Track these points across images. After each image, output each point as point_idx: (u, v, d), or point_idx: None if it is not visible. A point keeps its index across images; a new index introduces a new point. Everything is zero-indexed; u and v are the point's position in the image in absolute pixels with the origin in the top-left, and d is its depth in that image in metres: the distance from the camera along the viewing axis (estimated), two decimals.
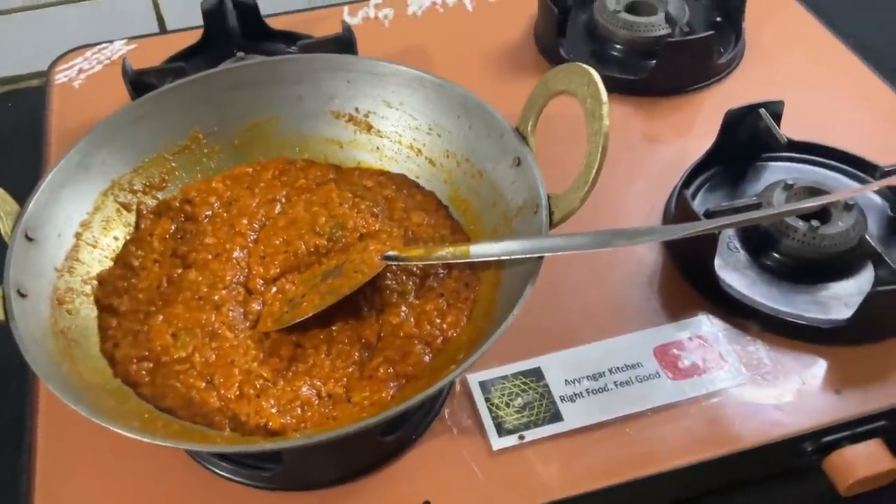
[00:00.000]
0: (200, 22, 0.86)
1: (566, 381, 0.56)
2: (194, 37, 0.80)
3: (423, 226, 0.55)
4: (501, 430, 0.53)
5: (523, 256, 0.47)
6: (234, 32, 0.80)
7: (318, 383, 0.47)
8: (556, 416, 0.54)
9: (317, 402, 0.47)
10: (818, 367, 0.57)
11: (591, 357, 0.57)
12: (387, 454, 0.52)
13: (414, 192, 0.57)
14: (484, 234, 0.53)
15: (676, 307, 0.60)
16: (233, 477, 0.51)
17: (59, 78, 0.81)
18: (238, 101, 0.58)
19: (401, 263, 0.51)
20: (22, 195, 0.50)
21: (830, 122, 0.72)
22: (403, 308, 0.50)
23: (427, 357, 0.48)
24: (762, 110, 0.66)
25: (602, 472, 0.52)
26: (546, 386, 0.56)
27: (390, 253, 0.50)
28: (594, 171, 0.45)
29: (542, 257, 0.46)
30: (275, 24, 0.82)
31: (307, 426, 0.46)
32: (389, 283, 0.52)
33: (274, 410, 0.46)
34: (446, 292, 0.51)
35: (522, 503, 0.51)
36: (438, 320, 0.50)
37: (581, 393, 0.56)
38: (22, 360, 0.43)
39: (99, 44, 0.84)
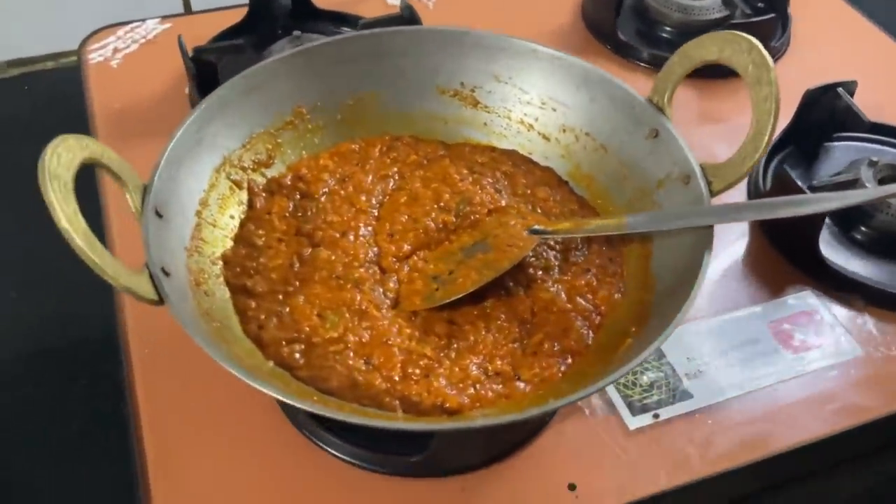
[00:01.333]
0: (227, 3, 0.83)
1: (688, 358, 0.56)
2: (235, 16, 0.77)
3: (549, 201, 0.53)
4: (634, 409, 0.53)
5: (688, 226, 0.46)
6: (281, 12, 0.77)
7: (484, 361, 0.45)
8: (686, 394, 0.54)
9: (486, 380, 0.45)
10: None
11: (706, 334, 0.57)
12: (525, 437, 0.50)
13: (531, 167, 0.56)
14: (616, 209, 0.52)
15: (777, 284, 0.61)
16: (366, 465, 0.49)
17: (94, 57, 0.76)
18: (341, 75, 0.55)
19: (552, 236, 0.49)
20: None
21: (885, 104, 0.74)
22: (551, 283, 0.49)
23: (587, 332, 0.47)
24: (840, 89, 0.67)
25: (742, 449, 0.52)
26: (669, 364, 0.55)
27: (537, 227, 0.49)
28: (766, 136, 0.45)
29: (712, 227, 0.45)
30: (321, 3, 0.79)
31: (482, 405, 0.44)
32: (532, 258, 0.50)
33: (449, 391, 0.44)
34: (593, 267, 0.50)
35: (669, 482, 0.50)
36: (590, 295, 0.49)
37: (704, 370, 0.55)
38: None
39: (130, 22, 0.80)
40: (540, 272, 0.50)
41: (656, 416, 0.52)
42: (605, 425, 0.52)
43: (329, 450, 0.49)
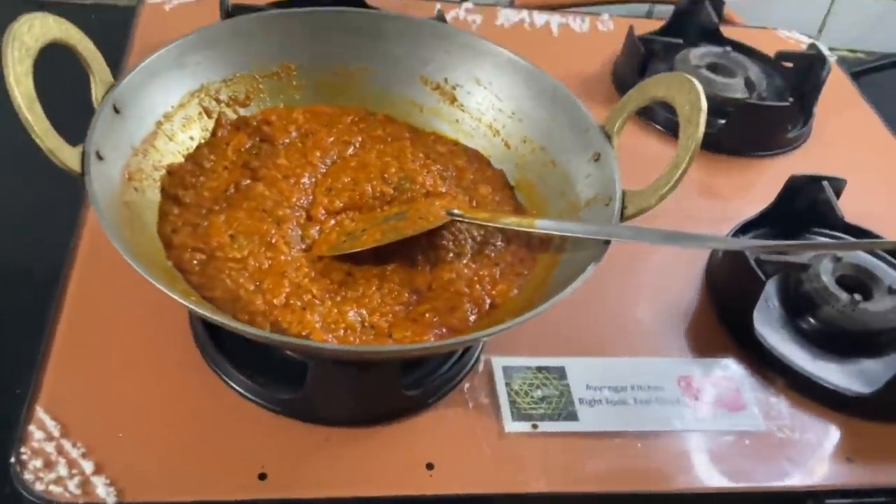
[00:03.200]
0: None
1: (588, 385, 0.56)
2: None
3: (487, 199, 0.56)
4: (516, 415, 0.53)
5: (588, 237, 0.47)
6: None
7: (365, 312, 0.48)
8: (573, 416, 0.54)
9: (359, 329, 0.47)
10: (835, 433, 0.57)
11: (616, 369, 0.58)
12: (402, 409, 0.52)
13: (484, 167, 0.58)
14: (550, 219, 0.54)
15: (707, 345, 0.61)
16: (249, 395, 0.51)
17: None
18: (337, 44, 0.59)
19: (465, 220, 0.51)
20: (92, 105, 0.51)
21: (884, 214, 0.73)
22: (457, 267, 0.51)
23: (473, 317, 0.49)
24: (825, 183, 0.68)
25: (606, 478, 0.52)
26: (567, 386, 0.56)
27: (456, 210, 0.51)
28: (679, 172, 0.46)
29: (608, 242, 0.47)
30: (371, 1, 0.84)
31: None
32: (447, 242, 0.52)
33: (318, 325, 0.46)
34: (501, 263, 0.52)
35: (522, 488, 0.51)
36: (489, 286, 0.51)
37: (601, 400, 0.56)
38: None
39: None
40: (451, 255, 0.52)
41: (535, 426, 0.53)
42: (482, 421, 0.53)
43: (223, 376, 0.51)
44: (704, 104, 0.47)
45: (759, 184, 0.77)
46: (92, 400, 0.50)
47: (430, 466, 0.50)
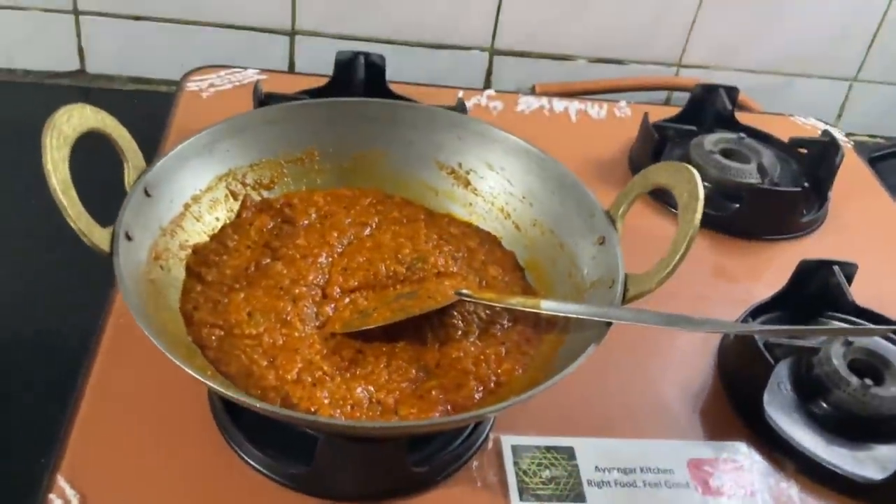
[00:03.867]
0: (326, 71, 0.93)
1: (597, 467, 0.57)
2: (320, 82, 0.86)
3: (497, 279, 0.58)
4: (524, 495, 0.54)
5: (591, 318, 0.49)
6: (359, 85, 0.86)
7: (372, 389, 0.49)
8: (581, 497, 0.55)
9: (367, 405, 0.49)
10: None
11: (625, 451, 0.58)
12: (411, 486, 0.53)
13: (495, 248, 0.60)
14: (555, 300, 0.56)
15: (717, 428, 0.61)
16: (260, 468, 0.52)
17: (191, 86, 0.88)
18: (357, 131, 0.63)
19: (472, 300, 0.53)
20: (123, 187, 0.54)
21: (884, 298, 0.74)
22: (465, 345, 0.53)
23: (479, 394, 0.50)
24: (836, 267, 0.68)
25: None
26: (576, 466, 0.56)
27: (464, 290, 0.53)
28: (678, 257, 0.48)
29: (610, 323, 0.48)
30: (395, 89, 0.87)
31: None
32: (456, 321, 0.54)
33: (326, 401, 0.48)
34: (508, 342, 0.54)
35: None
36: (495, 364, 0.52)
37: (609, 482, 0.56)
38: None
39: (234, 67, 0.91)
40: (459, 333, 0.54)
41: None
42: (490, 501, 0.54)
43: (238, 450, 0.53)
44: (702, 193, 0.48)
45: (773, 267, 0.78)
46: (111, 471, 0.52)
47: None
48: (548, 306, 0.51)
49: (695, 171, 0.50)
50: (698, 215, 0.48)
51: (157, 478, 0.52)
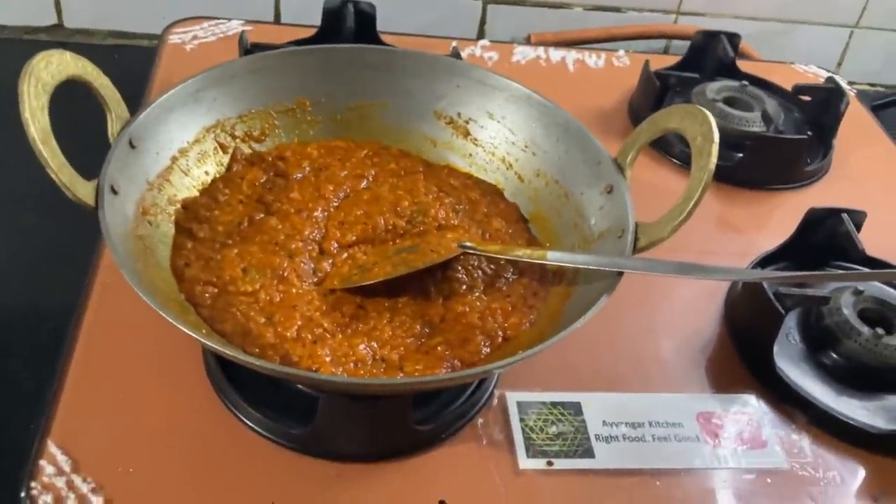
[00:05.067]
0: (313, 21, 0.90)
1: (604, 421, 0.55)
2: (307, 32, 0.83)
3: (500, 232, 0.56)
4: (531, 451, 0.53)
5: (600, 269, 0.47)
6: (349, 35, 0.82)
7: (376, 345, 0.47)
8: (588, 452, 0.53)
9: (370, 362, 0.47)
10: (859, 471, 0.55)
11: (633, 405, 0.57)
12: (415, 444, 0.51)
13: (497, 200, 0.58)
14: (561, 251, 0.54)
15: (727, 381, 0.60)
16: (258, 428, 0.50)
17: (173, 39, 0.84)
18: (352, 80, 0.60)
19: (476, 253, 0.51)
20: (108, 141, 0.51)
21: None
22: (470, 300, 0.51)
23: (486, 349, 0.48)
24: (845, 215, 0.67)
25: None
26: (583, 421, 0.55)
27: (467, 243, 0.51)
28: (692, 203, 0.46)
29: (621, 273, 0.46)
30: (386, 40, 0.84)
31: None
32: (460, 275, 0.52)
33: (328, 359, 0.46)
34: (513, 295, 0.52)
35: None
36: (501, 319, 0.50)
37: (617, 437, 0.55)
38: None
39: (218, 18, 0.88)
40: (464, 287, 0.52)
41: (550, 463, 0.52)
42: (496, 458, 0.52)
43: (234, 410, 0.51)
44: (717, 135, 0.46)
45: (779, 217, 0.76)
46: (103, 435, 0.50)
47: (442, 503, 0.49)
48: (554, 257, 0.49)
49: (708, 113, 0.47)
50: (713, 158, 0.46)
51: (151, 441, 0.50)
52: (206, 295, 0.48)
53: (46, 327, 0.58)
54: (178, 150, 0.54)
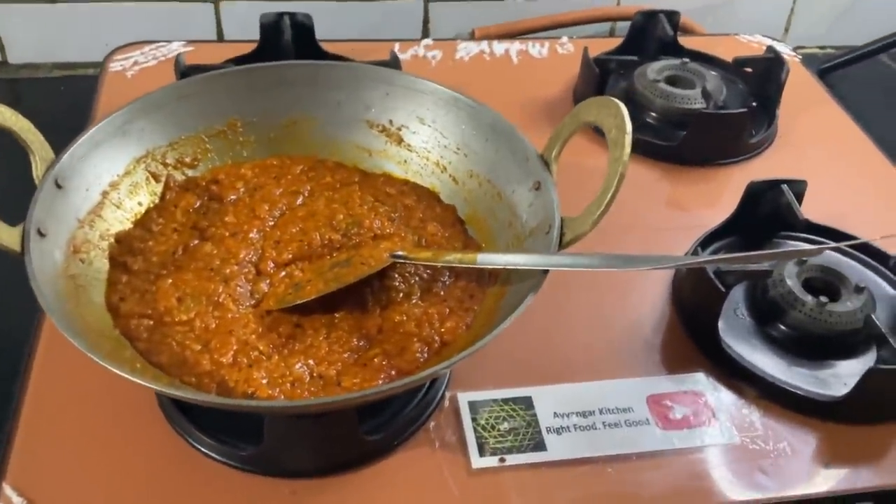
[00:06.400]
0: (257, 36, 0.90)
1: (555, 413, 0.56)
2: (248, 48, 0.83)
3: (436, 236, 0.56)
4: (483, 451, 0.53)
5: (527, 268, 0.47)
6: (288, 48, 0.83)
7: (312, 363, 0.48)
8: (540, 445, 0.54)
9: (308, 380, 0.47)
10: (810, 439, 0.56)
11: (583, 395, 0.57)
12: (367, 455, 0.52)
13: (434, 204, 0.59)
14: (496, 251, 0.54)
15: (676, 361, 0.60)
16: (210, 453, 0.51)
17: (114, 66, 0.85)
18: (280, 97, 0.60)
19: (407, 261, 0.52)
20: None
21: (850, 211, 0.73)
22: (406, 307, 0.51)
23: (423, 356, 0.49)
24: (784, 186, 0.67)
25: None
26: (534, 415, 0.56)
27: (399, 252, 0.52)
28: (609, 195, 0.46)
29: (546, 271, 0.47)
30: (327, 48, 0.85)
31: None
32: (397, 283, 0.53)
33: (264, 381, 0.46)
34: (450, 299, 0.52)
35: None
36: (438, 324, 0.51)
37: (568, 427, 0.55)
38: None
39: (158, 42, 0.88)
40: (401, 295, 0.52)
41: (502, 460, 0.53)
42: (449, 461, 0.53)
43: (187, 438, 0.52)
44: (629, 126, 0.47)
45: (726, 192, 0.77)
46: (58, 473, 0.50)
47: None
48: (483, 259, 0.50)
49: (620, 104, 0.48)
50: (627, 150, 0.46)
51: (107, 475, 0.50)
52: (142, 328, 0.49)
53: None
54: (109, 184, 0.54)
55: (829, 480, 0.54)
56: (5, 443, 0.51)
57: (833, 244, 0.61)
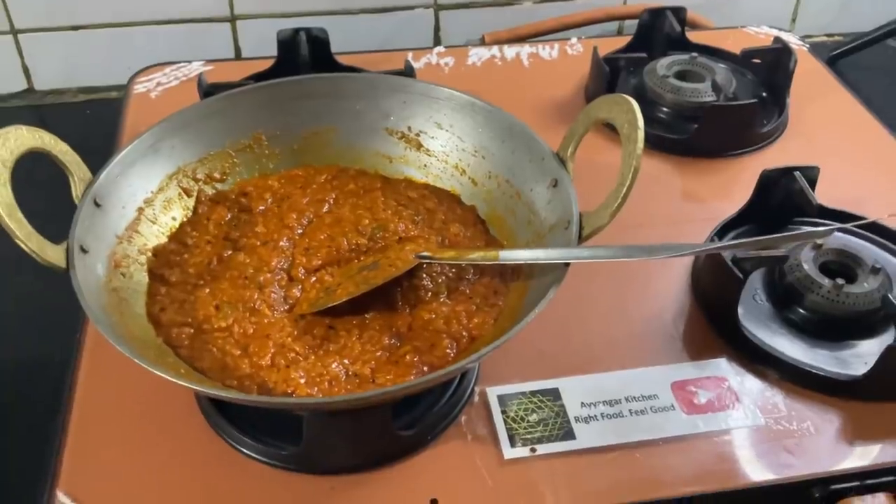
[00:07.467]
0: (273, 53, 0.92)
1: (582, 403, 0.58)
2: (266, 65, 0.86)
3: (459, 236, 0.58)
4: (514, 441, 0.55)
5: (549, 262, 0.49)
6: (305, 63, 0.85)
7: (347, 362, 0.50)
8: (569, 435, 0.56)
9: (344, 378, 0.49)
10: (833, 418, 0.57)
11: (609, 384, 0.59)
12: (402, 450, 0.53)
13: (454, 206, 0.61)
14: (515, 249, 0.56)
15: (698, 348, 0.62)
16: (252, 454, 0.53)
17: (138, 88, 0.87)
18: (301, 110, 0.63)
19: (433, 261, 0.54)
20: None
21: (863, 195, 0.74)
22: (435, 306, 0.53)
23: (452, 352, 0.51)
24: (797, 173, 0.69)
25: (608, 492, 0.53)
26: (562, 406, 0.57)
27: (424, 253, 0.54)
28: (625, 189, 0.48)
29: (567, 264, 0.48)
30: (343, 60, 0.87)
31: None
32: (425, 283, 0.55)
33: (302, 381, 0.48)
34: (476, 296, 0.54)
35: None
36: (466, 320, 0.53)
37: (596, 416, 0.57)
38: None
39: (179, 62, 0.90)
40: (429, 294, 0.54)
41: (533, 450, 0.55)
42: (482, 452, 0.55)
43: (228, 440, 0.54)
44: (641, 121, 0.49)
45: (740, 182, 0.77)
46: (108, 477, 0.52)
47: (434, 503, 0.52)
48: (505, 256, 0.52)
49: (631, 100, 0.50)
50: (640, 145, 0.48)
51: (153, 478, 0.52)
52: (183, 336, 0.51)
53: (46, 381, 0.60)
54: (144, 200, 0.56)
55: (853, 457, 0.55)
56: (57, 451, 0.54)
57: (841, 225, 0.62)
